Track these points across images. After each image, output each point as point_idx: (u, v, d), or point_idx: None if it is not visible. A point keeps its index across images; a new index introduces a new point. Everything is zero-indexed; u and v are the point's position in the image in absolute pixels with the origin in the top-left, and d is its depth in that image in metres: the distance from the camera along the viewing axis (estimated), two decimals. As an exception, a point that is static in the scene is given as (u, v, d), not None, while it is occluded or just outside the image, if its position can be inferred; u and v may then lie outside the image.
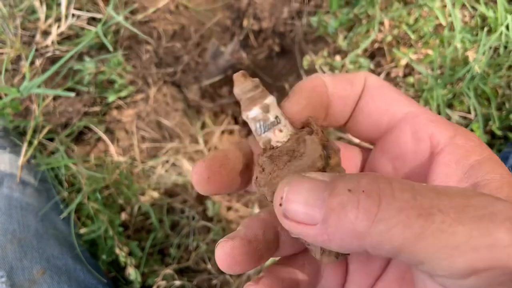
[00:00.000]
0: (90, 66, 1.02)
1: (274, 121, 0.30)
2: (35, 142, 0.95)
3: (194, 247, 1.01)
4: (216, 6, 1.19)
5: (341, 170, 0.31)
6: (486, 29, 0.84)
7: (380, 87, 0.33)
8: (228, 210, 1.08)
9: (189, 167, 1.07)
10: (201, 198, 1.08)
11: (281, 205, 0.26)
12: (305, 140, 0.30)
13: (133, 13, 1.13)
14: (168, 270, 0.95)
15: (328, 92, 0.32)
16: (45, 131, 0.98)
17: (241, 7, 1.17)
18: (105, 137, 1.04)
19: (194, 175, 0.31)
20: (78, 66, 1.02)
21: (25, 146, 0.92)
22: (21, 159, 0.90)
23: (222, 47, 1.14)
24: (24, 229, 0.79)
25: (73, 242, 0.86)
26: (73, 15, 1.06)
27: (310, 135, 0.30)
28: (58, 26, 1.05)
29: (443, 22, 0.88)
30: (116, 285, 0.94)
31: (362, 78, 0.33)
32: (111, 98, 1.05)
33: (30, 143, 0.94)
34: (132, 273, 0.91)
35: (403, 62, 0.97)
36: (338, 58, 1.01)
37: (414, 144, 0.31)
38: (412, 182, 0.24)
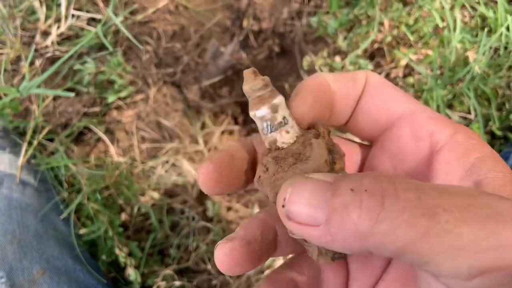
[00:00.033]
0: (90, 66, 1.02)
1: (281, 121, 0.29)
2: (35, 142, 0.95)
3: (194, 248, 1.01)
4: (216, 6, 1.19)
5: None
6: (486, 29, 0.84)
7: (380, 85, 0.32)
8: (228, 210, 1.08)
9: (189, 168, 1.07)
10: (201, 199, 1.07)
11: (284, 206, 0.25)
12: (311, 143, 0.29)
13: (133, 13, 1.13)
14: (168, 271, 0.95)
15: (331, 91, 0.32)
16: (45, 132, 0.98)
17: (241, 8, 1.17)
18: (105, 137, 1.04)
19: (201, 176, 0.30)
20: (78, 67, 1.02)
21: (24, 146, 0.92)
22: (20, 160, 0.90)
23: (222, 48, 1.14)
24: (23, 229, 0.79)
25: (73, 243, 0.86)
26: (72, 16, 1.06)
27: (317, 139, 0.30)
28: (58, 27, 1.05)
29: (440, 24, 0.88)
30: (116, 285, 0.94)
31: (363, 77, 0.33)
32: (111, 98, 1.05)
33: (30, 144, 0.94)
34: (132, 273, 0.91)
35: (403, 62, 0.97)
36: (338, 58, 1.01)
37: (413, 142, 0.31)
38: (415, 181, 0.24)
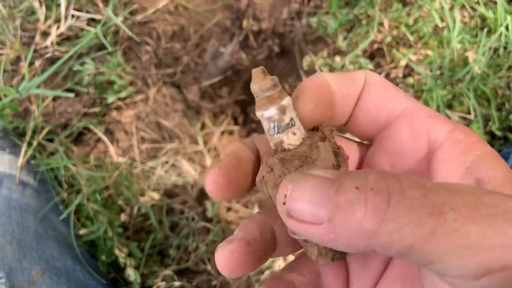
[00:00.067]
0: (89, 67, 1.02)
1: (289, 123, 0.29)
2: (35, 143, 0.95)
3: (194, 248, 1.01)
4: (215, 6, 1.19)
5: None
6: (486, 29, 0.84)
7: (379, 85, 0.32)
8: (227, 211, 1.08)
9: (188, 168, 1.07)
10: (200, 199, 1.07)
11: (284, 204, 0.24)
12: (318, 147, 0.29)
13: (132, 13, 1.13)
14: (167, 271, 0.95)
15: (331, 90, 0.32)
16: (44, 132, 0.98)
17: (240, 8, 1.17)
18: (104, 138, 1.04)
19: (210, 183, 0.29)
20: (77, 67, 1.02)
21: (24, 147, 0.92)
22: (20, 160, 0.90)
23: (221, 48, 1.14)
24: (23, 230, 0.79)
25: (72, 243, 0.86)
26: (72, 16, 1.06)
27: (323, 141, 0.30)
28: (58, 27, 1.05)
29: (440, 24, 0.88)
30: (115, 286, 0.94)
31: (362, 76, 0.33)
32: (111, 99, 1.05)
33: (29, 144, 0.94)
34: (131, 274, 0.91)
35: (403, 63, 0.97)
36: (337, 58, 1.01)
37: (412, 140, 0.31)
38: (421, 179, 0.24)
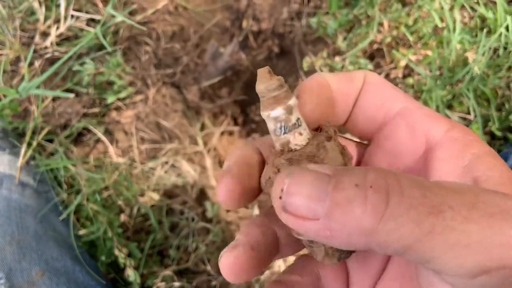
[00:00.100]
0: (89, 67, 1.02)
1: (295, 123, 0.29)
2: (34, 143, 0.95)
3: (194, 249, 1.01)
4: (215, 7, 1.19)
5: None
6: (486, 30, 0.84)
7: (378, 84, 0.32)
8: (227, 211, 1.08)
9: (188, 168, 1.07)
10: (200, 200, 1.07)
11: (280, 198, 0.24)
12: (325, 146, 0.29)
13: (132, 14, 1.13)
14: (167, 272, 0.95)
15: (331, 90, 0.32)
16: (44, 132, 0.98)
17: (240, 8, 1.17)
18: (104, 138, 1.04)
19: (224, 194, 0.28)
20: (77, 67, 1.02)
21: (24, 147, 0.92)
22: (20, 161, 0.90)
23: (221, 48, 1.14)
24: (23, 230, 0.79)
25: (72, 244, 0.86)
26: (72, 16, 1.06)
27: (329, 141, 0.30)
28: (57, 27, 1.05)
29: (439, 24, 0.88)
30: (115, 286, 0.94)
31: (361, 76, 0.33)
32: (110, 99, 1.05)
33: (29, 144, 0.94)
34: (131, 274, 0.90)
35: (403, 63, 0.97)
36: (337, 59, 1.01)
37: (409, 139, 0.31)
38: (419, 178, 0.24)
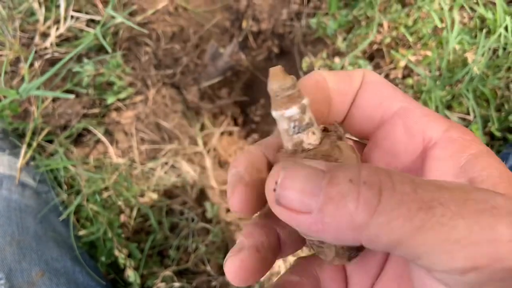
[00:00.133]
0: (89, 68, 1.02)
1: (309, 122, 0.29)
2: (34, 144, 0.95)
3: (193, 249, 1.01)
4: (215, 7, 1.19)
5: None
6: (485, 30, 0.84)
7: (377, 83, 0.32)
8: (227, 211, 1.08)
9: (188, 169, 1.07)
10: (200, 200, 1.07)
11: (274, 190, 0.24)
12: (338, 145, 0.29)
13: (132, 14, 1.13)
14: (167, 272, 0.95)
15: (329, 88, 0.32)
16: (44, 133, 0.98)
17: (240, 9, 1.17)
18: (104, 139, 1.04)
19: (238, 203, 0.28)
20: (77, 68, 1.02)
21: (24, 148, 0.92)
22: (20, 161, 0.90)
23: (221, 49, 1.14)
24: (23, 231, 0.79)
25: (72, 244, 0.86)
26: (72, 17, 1.06)
27: (340, 140, 0.30)
28: (57, 28, 1.05)
29: (439, 25, 0.88)
30: (115, 287, 0.94)
31: (360, 75, 0.33)
32: (110, 100, 1.05)
33: (29, 145, 0.94)
34: (131, 275, 0.91)
35: (402, 63, 0.97)
36: (337, 59, 1.01)
37: (406, 139, 0.31)
38: (410, 175, 0.24)
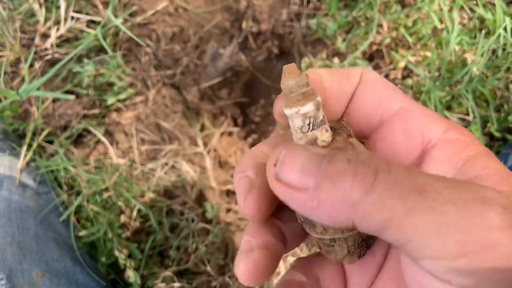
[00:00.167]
0: (89, 68, 1.02)
1: (322, 119, 0.29)
2: (35, 144, 0.95)
3: (194, 249, 1.01)
4: (215, 8, 1.19)
5: None
6: (484, 31, 0.84)
7: (375, 82, 0.32)
8: (227, 212, 1.08)
9: (188, 169, 1.07)
10: (200, 200, 1.08)
11: (275, 165, 0.25)
12: (351, 142, 0.30)
13: (132, 15, 1.13)
14: (167, 272, 0.95)
15: (324, 86, 0.31)
16: (44, 134, 0.98)
17: (240, 9, 1.17)
18: (104, 139, 1.04)
19: (252, 209, 0.29)
20: (77, 69, 1.02)
21: (24, 148, 0.92)
22: (20, 162, 0.90)
23: (221, 49, 1.14)
24: (23, 231, 0.79)
25: (72, 245, 0.86)
26: (72, 18, 1.06)
27: (352, 138, 0.30)
28: (57, 29, 1.06)
29: (439, 25, 0.88)
30: (115, 287, 0.94)
31: (358, 73, 0.32)
32: (111, 100, 1.05)
33: (29, 146, 0.94)
34: (131, 275, 0.91)
35: (402, 64, 0.97)
36: (336, 60, 1.01)
37: (405, 139, 0.31)
38: (407, 166, 0.25)
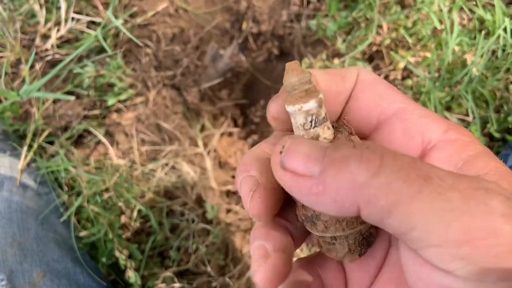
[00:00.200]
0: (89, 69, 1.02)
1: (324, 117, 0.29)
2: (35, 145, 0.95)
3: (194, 250, 1.01)
4: (215, 9, 1.19)
5: None
6: (484, 32, 0.84)
7: (372, 82, 0.32)
8: (227, 212, 1.08)
9: (188, 170, 1.07)
10: (200, 201, 1.08)
11: (281, 152, 0.26)
12: (353, 140, 0.30)
13: (132, 16, 1.14)
14: (167, 273, 0.96)
15: (320, 87, 0.31)
16: (45, 135, 0.98)
17: (240, 10, 1.17)
18: (104, 140, 1.04)
19: (260, 208, 0.29)
20: (77, 70, 1.02)
21: (25, 149, 0.92)
22: (21, 163, 0.90)
23: (221, 50, 1.14)
24: (24, 232, 0.79)
25: (73, 245, 0.86)
26: (72, 19, 1.06)
27: (353, 135, 0.30)
28: (58, 30, 1.06)
29: (438, 26, 0.89)
30: (116, 288, 0.94)
31: (354, 73, 0.32)
32: (111, 101, 1.05)
33: (30, 147, 0.95)
34: (132, 276, 0.91)
35: (402, 65, 0.98)
36: (336, 61, 1.02)
37: (405, 140, 0.31)
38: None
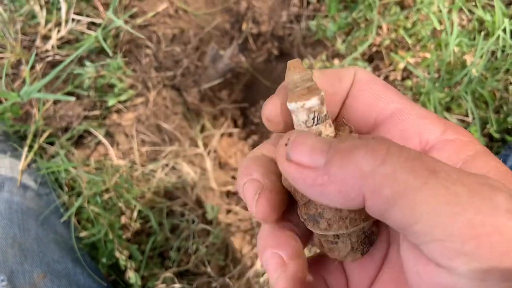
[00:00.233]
0: (90, 70, 1.02)
1: (326, 114, 0.29)
2: (36, 146, 0.95)
3: (194, 250, 1.02)
4: (215, 10, 1.19)
5: None
6: (484, 32, 0.84)
7: (369, 82, 0.32)
8: (227, 213, 1.08)
9: (188, 170, 1.07)
10: (200, 201, 1.08)
11: (286, 145, 0.26)
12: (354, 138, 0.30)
13: (132, 17, 1.14)
14: (168, 273, 0.96)
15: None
16: (45, 135, 0.98)
17: (240, 11, 1.18)
18: (105, 140, 1.04)
19: (266, 210, 0.29)
20: (78, 71, 1.03)
21: (25, 150, 0.92)
22: (21, 163, 0.90)
23: (221, 51, 1.14)
24: (24, 233, 0.80)
25: (73, 246, 0.86)
26: (73, 20, 1.07)
27: (354, 133, 0.30)
28: (58, 31, 1.06)
29: (438, 27, 0.89)
30: (116, 288, 0.94)
31: (351, 73, 0.32)
32: (111, 102, 1.06)
33: (30, 147, 0.95)
34: (132, 276, 0.91)
35: (401, 65, 0.98)
36: (336, 61, 1.02)
37: (402, 141, 0.30)
38: None
